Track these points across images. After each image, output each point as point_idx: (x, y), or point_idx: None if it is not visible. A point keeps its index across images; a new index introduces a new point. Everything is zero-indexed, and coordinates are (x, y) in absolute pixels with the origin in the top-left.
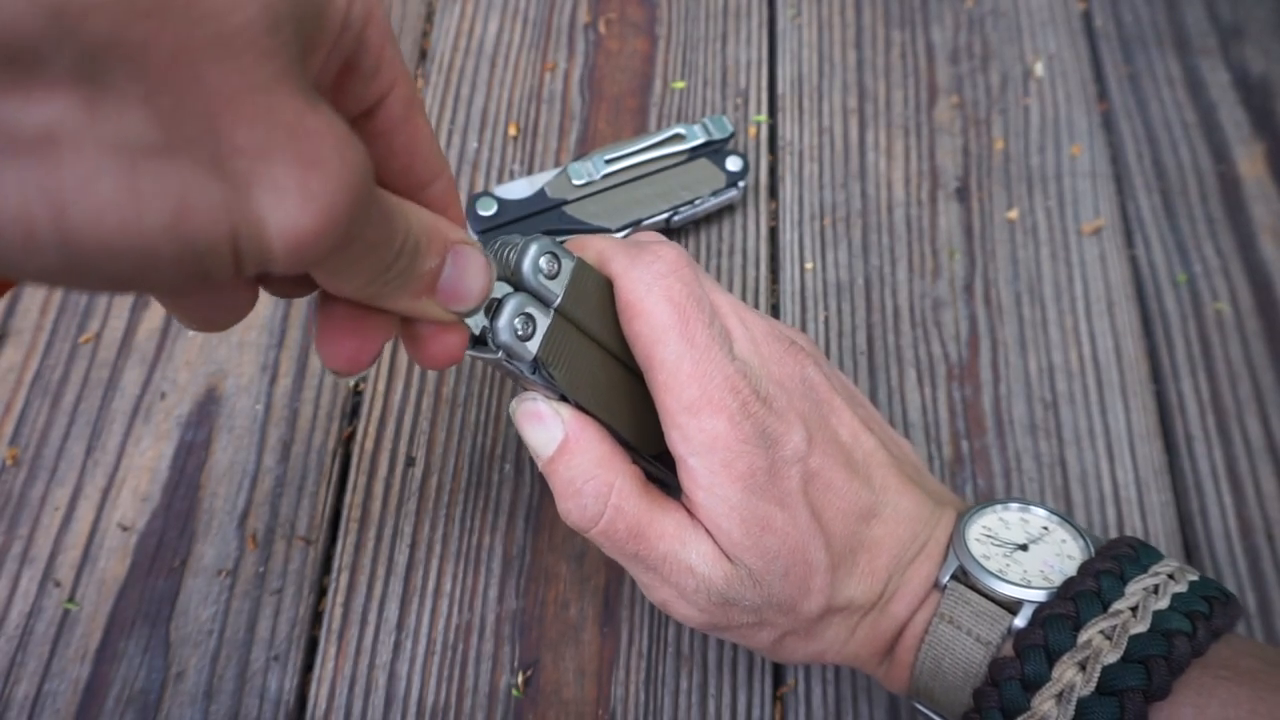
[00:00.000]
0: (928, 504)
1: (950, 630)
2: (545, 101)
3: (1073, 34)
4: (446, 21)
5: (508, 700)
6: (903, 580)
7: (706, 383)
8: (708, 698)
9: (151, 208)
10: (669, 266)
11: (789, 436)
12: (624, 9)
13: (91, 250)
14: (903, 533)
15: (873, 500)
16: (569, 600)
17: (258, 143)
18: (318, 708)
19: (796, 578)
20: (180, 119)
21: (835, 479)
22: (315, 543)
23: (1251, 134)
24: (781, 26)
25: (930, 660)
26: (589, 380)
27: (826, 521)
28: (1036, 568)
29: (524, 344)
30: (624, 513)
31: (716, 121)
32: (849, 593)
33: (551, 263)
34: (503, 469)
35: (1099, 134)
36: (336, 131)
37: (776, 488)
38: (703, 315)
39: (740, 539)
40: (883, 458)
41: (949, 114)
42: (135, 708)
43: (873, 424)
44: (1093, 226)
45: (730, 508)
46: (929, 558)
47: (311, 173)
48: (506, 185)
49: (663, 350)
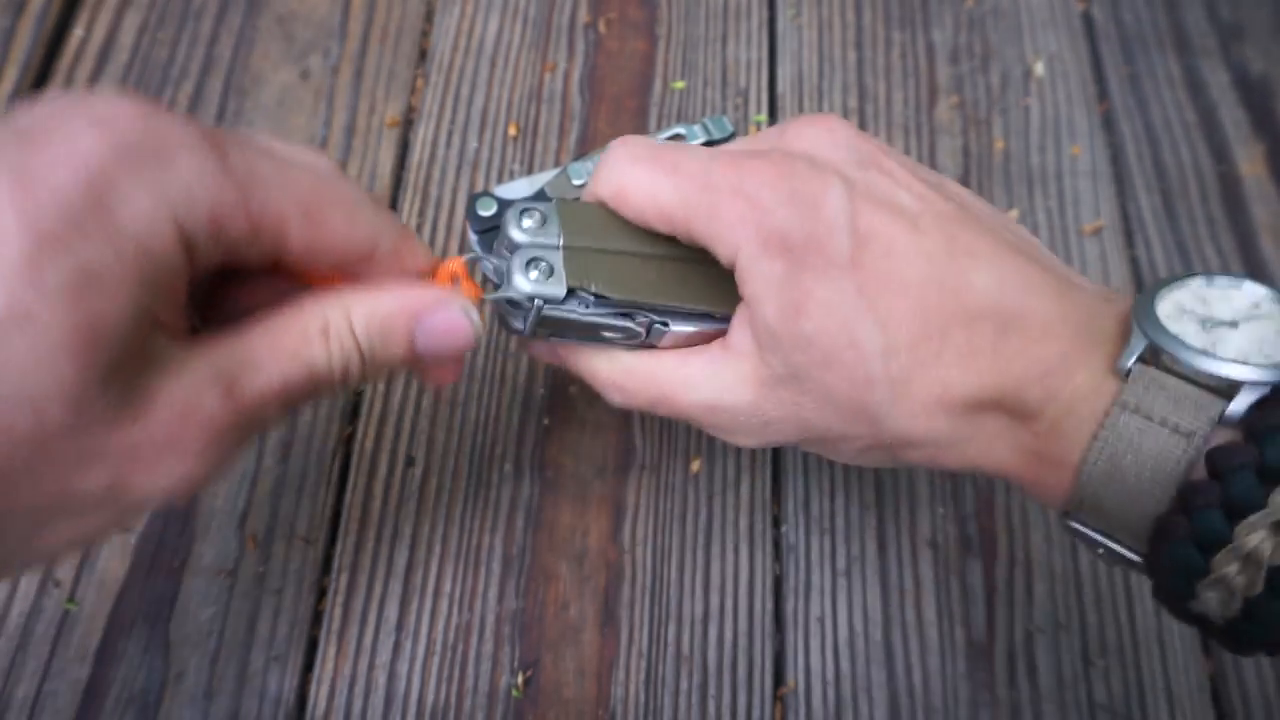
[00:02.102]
0: (1049, 277)
1: (1137, 421)
2: (545, 101)
3: (1073, 34)
4: (446, 21)
5: (508, 700)
6: (1042, 365)
7: (705, 180)
8: (708, 698)
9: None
10: (618, 144)
11: (826, 195)
12: (624, 9)
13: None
14: (1015, 305)
15: (956, 267)
16: (569, 600)
17: (98, 485)
18: (317, 708)
19: (845, 367)
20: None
21: (896, 241)
22: (315, 543)
23: (1251, 134)
24: (781, 26)
25: (1105, 460)
26: (630, 281)
27: (886, 295)
28: (1253, 346)
29: (550, 284)
30: (634, 391)
31: (716, 122)
32: (944, 378)
33: (532, 216)
34: (503, 469)
35: (1099, 134)
36: (164, 428)
37: (817, 258)
38: (674, 150)
39: (775, 325)
40: (968, 220)
41: (949, 114)
42: (135, 708)
43: (953, 194)
44: (1093, 227)
45: (765, 286)
46: (1065, 338)
47: (156, 471)
48: (506, 185)
49: (663, 199)
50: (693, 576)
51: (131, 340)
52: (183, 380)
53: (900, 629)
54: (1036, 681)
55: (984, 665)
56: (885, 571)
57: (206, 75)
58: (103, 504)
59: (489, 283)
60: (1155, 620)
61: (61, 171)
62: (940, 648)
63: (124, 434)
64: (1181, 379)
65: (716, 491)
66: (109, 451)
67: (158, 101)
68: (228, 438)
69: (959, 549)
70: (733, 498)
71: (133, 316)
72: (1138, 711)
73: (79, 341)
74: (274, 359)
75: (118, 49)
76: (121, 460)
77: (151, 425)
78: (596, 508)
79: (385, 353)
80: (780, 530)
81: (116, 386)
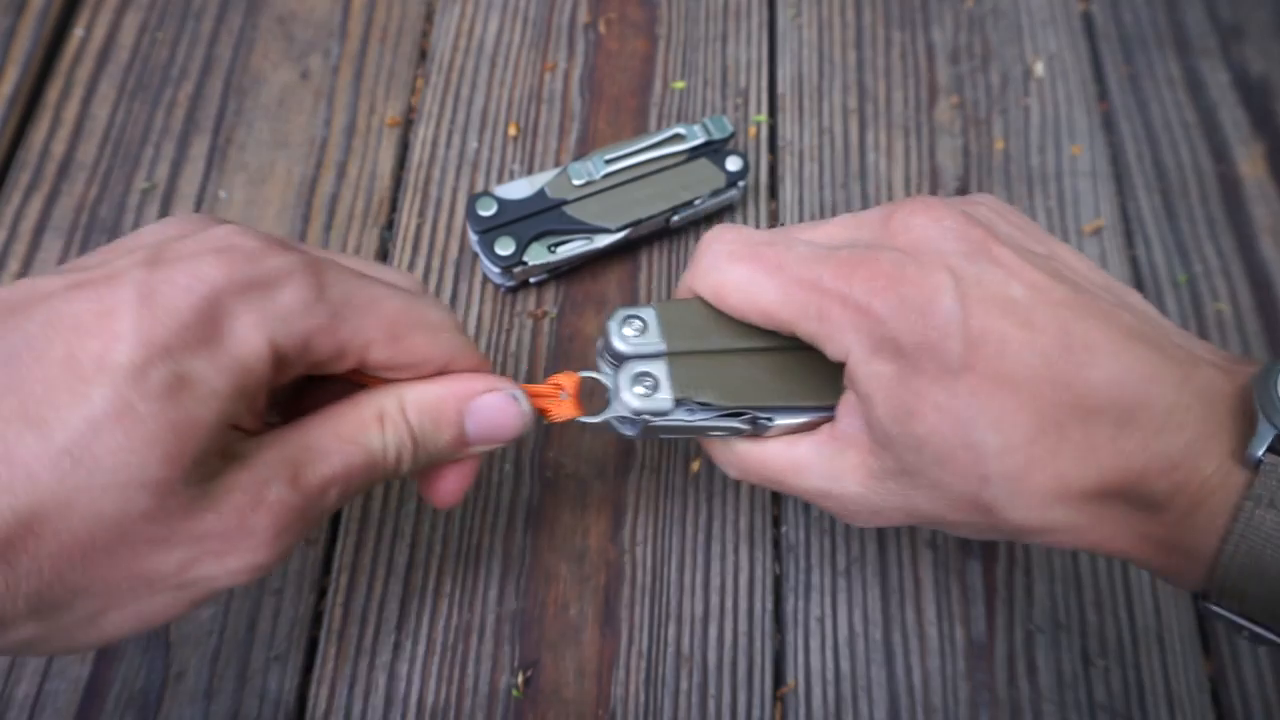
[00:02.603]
0: (1168, 362)
1: (1273, 516)
2: (545, 101)
3: (1073, 34)
4: (446, 21)
5: (508, 700)
6: (1166, 458)
7: (812, 284)
8: (708, 698)
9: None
10: (713, 238)
11: (937, 300)
12: (624, 9)
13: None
14: (1134, 397)
15: (1072, 362)
16: (569, 600)
17: (169, 569)
18: (317, 708)
19: (960, 465)
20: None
21: (1010, 342)
22: (315, 543)
23: (1251, 134)
24: (781, 26)
25: (1244, 554)
26: (734, 384)
27: (1000, 396)
28: None
29: (658, 398)
30: (748, 471)
31: (716, 121)
32: (1062, 473)
33: (633, 323)
34: (503, 469)
35: (1099, 134)
36: (236, 516)
37: (929, 362)
38: (775, 247)
39: (888, 426)
40: (1082, 306)
41: (949, 114)
42: (135, 708)
43: (1066, 269)
44: (1093, 226)
45: (877, 388)
46: (1189, 427)
47: (226, 557)
48: (506, 185)
49: (765, 301)
50: (693, 576)
51: (215, 441)
52: (254, 472)
53: (900, 629)
54: (1036, 681)
55: (984, 665)
56: (885, 571)
57: (206, 75)
58: (171, 586)
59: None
60: (1155, 620)
61: (181, 294)
62: (940, 648)
63: (199, 522)
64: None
65: (716, 491)
66: (184, 537)
67: (269, 238)
68: (294, 525)
69: (959, 549)
70: (733, 498)
71: (220, 421)
72: (1138, 711)
73: (171, 438)
74: (335, 446)
75: (118, 49)
76: (194, 545)
77: (225, 513)
78: (596, 508)
79: (436, 435)
80: (780, 530)
81: (197, 479)
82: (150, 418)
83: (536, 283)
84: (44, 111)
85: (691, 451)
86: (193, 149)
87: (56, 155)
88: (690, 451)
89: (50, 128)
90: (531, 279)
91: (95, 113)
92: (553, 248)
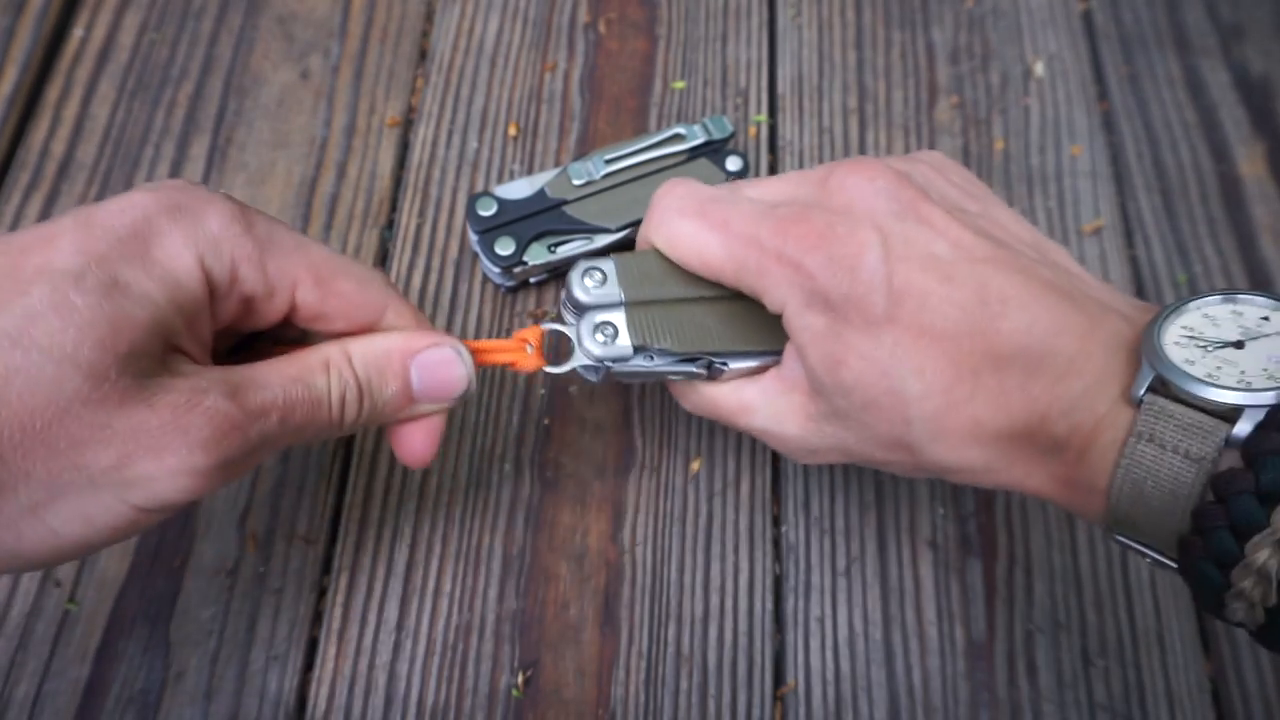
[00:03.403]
0: (1077, 313)
1: (1151, 450)
2: (545, 101)
3: (1073, 34)
4: (446, 21)
5: (508, 700)
6: (1066, 401)
7: (751, 240)
8: (708, 698)
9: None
10: (665, 192)
11: (863, 257)
12: (624, 9)
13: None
14: (1042, 347)
15: (987, 314)
16: (569, 600)
17: (108, 461)
18: (317, 708)
19: (884, 410)
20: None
21: (930, 295)
22: (315, 543)
23: (1251, 134)
24: (781, 26)
25: (1129, 485)
26: (690, 332)
27: (920, 346)
28: (1257, 366)
29: (618, 345)
30: (701, 408)
31: (716, 121)
32: (976, 417)
33: (593, 274)
34: (503, 469)
35: (1099, 134)
36: (171, 412)
37: (855, 315)
38: (721, 204)
39: (820, 374)
40: (1002, 261)
41: (949, 114)
42: (135, 708)
43: (995, 226)
44: (1093, 226)
45: (810, 339)
46: (1089, 373)
47: (161, 455)
48: (506, 185)
49: (710, 255)
50: (693, 576)
51: (150, 342)
52: (191, 381)
53: (900, 629)
54: (1036, 681)
55: (984, 665)
56: (885, 571)
57: (206, 75)
58: (113, 483)
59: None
60: (1155, 620)
61: (115, 215)
62: (940, 648)
63: (133, 414)
64: (1189, 406)
65: (716, 491)
66: (118, 429)
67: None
68: (232, 436)
69: (959, 549)
70: (733, 498)
71: (153, 321)
72: (1138, 711)
73: (105, 326)
74: (278, 380)
75: (118, 49)
76: (130, 440)
77: (159, 409)
78: (596, 508)
79: (382, 386)
80: (780, 530)
81: (132, 373)
82: (86, 309)
83: (536, 283)
84: (44, 111)
85: (692, 451)
86: (193, 149)
87: (56, 155)
88: (690, 451)
89: (50, 127)
90: (531, 279)
91: (95, 112)
92: (553, 248)
